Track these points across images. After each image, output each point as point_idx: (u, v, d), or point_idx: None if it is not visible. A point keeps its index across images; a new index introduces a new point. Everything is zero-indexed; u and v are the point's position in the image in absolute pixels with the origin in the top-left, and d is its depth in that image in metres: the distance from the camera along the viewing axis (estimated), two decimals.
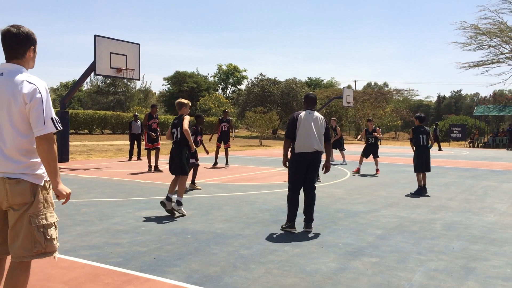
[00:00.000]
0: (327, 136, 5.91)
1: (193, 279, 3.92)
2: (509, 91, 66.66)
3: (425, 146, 9.39)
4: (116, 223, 6.05)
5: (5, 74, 2.72)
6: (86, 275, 3.95)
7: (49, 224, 2.79)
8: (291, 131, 5.79)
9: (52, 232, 2.80)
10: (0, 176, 2.70)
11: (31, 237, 2.70)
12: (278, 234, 5.57)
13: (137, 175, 11.73)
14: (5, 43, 2.77)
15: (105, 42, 14.77)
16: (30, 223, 2.70)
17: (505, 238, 5.55)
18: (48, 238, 2.76)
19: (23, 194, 2.70)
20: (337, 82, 76.81)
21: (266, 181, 10.94)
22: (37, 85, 2.71)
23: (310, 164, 5.77)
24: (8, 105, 2.67)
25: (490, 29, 37.70)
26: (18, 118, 2.68)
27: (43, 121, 2.67)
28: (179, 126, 6.87)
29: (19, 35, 2.76)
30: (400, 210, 7.27)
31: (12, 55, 2.78)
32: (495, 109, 41.75)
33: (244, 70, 69.84)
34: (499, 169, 15.42)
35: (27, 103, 2.65)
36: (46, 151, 2.68)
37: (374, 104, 49.34)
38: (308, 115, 5.81)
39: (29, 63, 2.84)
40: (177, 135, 6.89)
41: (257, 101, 46.26)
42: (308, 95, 6.09)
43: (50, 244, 2.78)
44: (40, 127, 2.65)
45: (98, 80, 56.34)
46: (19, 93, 2.65)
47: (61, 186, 2.78)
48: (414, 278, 4.03)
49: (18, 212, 2.71)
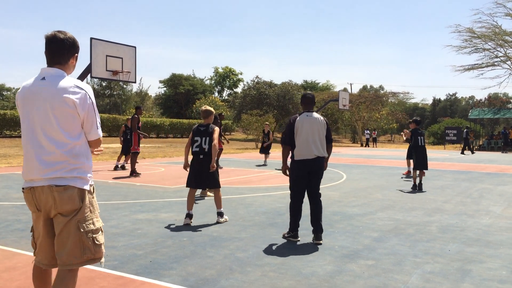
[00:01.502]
0: (329, 137, 5.51)
1: (189, 282, 3.91)
2: (504, 94, 67.12)
3: (423, 146, 10.33)
4: (112, 226, 6.02)
5: (47, 79, 2.69)
6: (82, 278, 3.92)
7: (97, 229, 2.76)
8: (289, 137, 5.39)
9: (100, 237, 2.77)
10: (46, 185, 2.64)
11: (80, 243, 2.66)
12: (274, 237, 5.57)
13: (131, 178, 11.70)
14: (51, 48, 2.74)
15: (101, 44, 14.73)
16: (78, 229, 2.66)
17: (501, 241, 5.57)
18: (97, 243, 2.73)
19: (72, 200, 2.66)
20: (332, 85, 76.94)
21: (262, 183, 10.94)
22: (86, 91, 2.72)
23: (311, 171, 5.35)
24: (53, 109, 2.63)
25: (484, 33, 37.92)
26: (68, 121, 2.66)
27: (97, 126, 2.78)
28: (207, 136, 6.32)
29: (66, 41, 2.76)
30: (396, 213, 7.29)
31: (56, 61, 2.75)
32: (490, 112, 41.97)
33: (240, 73, 69.93)
34: (494, 171, 15.49)
35: (77, 107, 2.65)
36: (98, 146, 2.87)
37: (369, 107, 49.45)
38: (306, 118, 5.37)
39: (70, 69, 2.83)
40: (204, 145, 6.32)
41: (253, 104, 46.26)
42: (305, 95, 5.59)
43: (99, 250, 2.75)
44: (96, 131, 2.77)
45: (94, 83, 56.24)
46: (68, 96, 2.63)
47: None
48: (410, 281, 4.03)
49: (66, 218, 2.66)
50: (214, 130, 6.38)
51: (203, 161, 6.31)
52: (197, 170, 6.34)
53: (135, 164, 12.44)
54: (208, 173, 6.31)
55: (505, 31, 37.08)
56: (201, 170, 6.33)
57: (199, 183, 6.39)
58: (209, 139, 6.31)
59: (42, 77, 2.71)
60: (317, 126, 5.37)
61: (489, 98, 56.55)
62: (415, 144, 10.37)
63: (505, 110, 42.41)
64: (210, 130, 6.36)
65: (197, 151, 6.35)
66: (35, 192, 2.68)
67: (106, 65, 14.81)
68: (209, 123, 6.49)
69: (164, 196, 8.63)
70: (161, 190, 9.56)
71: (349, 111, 44.75)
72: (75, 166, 2.69)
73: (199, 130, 6.44)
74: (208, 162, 6.29)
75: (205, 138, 6.32)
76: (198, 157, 6.35)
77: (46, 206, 2.67)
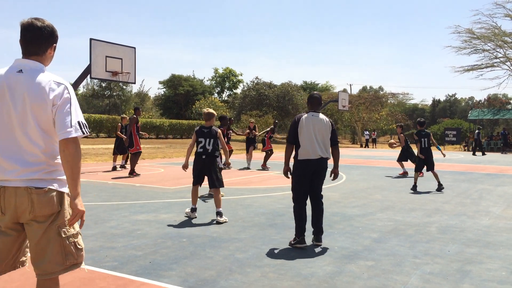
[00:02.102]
0: (334, 140, 5.39)
1: (189, 283, 3.90)
2: (503, 95, 67.16)
3: (427, 148, 10.38)
4: (112, 227, 6.02)
5: (25, 72, 2.43)
6: (81, 279, 3.93)
7: (77, 233, 2.57)
8: (293, 135, 5.30)
9: (81, 241, 2.59)
10: (23, 186, 2.40)
11: (62, 249, 2.47)
12: (274, 238, 5.57)
13: (131, 178, 11.70)
14: (27, 37, 2.47)
15: (100, 45, 14.75)
16: (59, 235, 2.46)
17: (500, 241, 5.57)
18: (78, 247, 2.56)
19: (51, 204, 2.44)
20: (332, 86, 77.03)
21: (262, 184, 10.94)
22: (65, 84, 2.48)
23: (315, 172, 5.25)
24: (32, 106, 2.40)
25: (484, 33, 37.98)
26: (46, 120, 2.42)
27: (71, 123, 2.40)
28: (211, 138, 6.61)
29: (44, 30, 2.48)
30: (395, 214, 7.29)
31: (32, 51, 2.48)
32: (489, 113, 41.98)
33: (240, 74, 69.92)
34: (494, 172, 15.49)
35: (55, 104, 2.41)
36: (72, 156, 2.39)
37: (369, 108, 49.48)
38: (311, 117, 5.29)
39: (48, 61, 2.57)
40: (208, 146, 6.60)
41: (253, 105, 46.29)
42: (312, 95, 5.53)
43: (81, 254, 2.58)
44: (68, 129, 2.39)
45: (94, 84, 56.29)
46: (46, 93, 2.40)
47: (79, 199, 2.45)
48: (410, 282, 4.03)
49: (43, 225, 2.44)
50: (219, 134, 6.71)
51: (205, 161, 6.60)
52: (200, 169, 6.66)
53: (135, 164, 12.51)
54: (213, 172, 6.60)
55: (504, 32, 37.13)
56: (203, 170, 6.64)
57: (200, 181, 6.74)
58: (213, 141, 6.62)
59: (19, 69, 2.45)
60: (322, 127, 5.29)
61: (489, 99, 56.65)
62: (419, 146, 10.39)
63: (505, 111, 42.42)
64: (213, 132, 6.66)
65: (201, 151, 6.62)
66: (4, 193, 2.41)
67: (105, 66, 14.83)
68: (212, 125, 6.77)
69: (163, 197, 8.63)
70: (160, 191, 9.56)
71: (348, 112, 44.77)
72: (55, 168, 2.49)
73: (203, 131, 6.67)
74: (210, 162, 6.60)
75: (209, 140, 6.62)
76: (201, 157, 6.61)
77: (17, 210, 2.41)
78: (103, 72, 14.82)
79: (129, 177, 12.00)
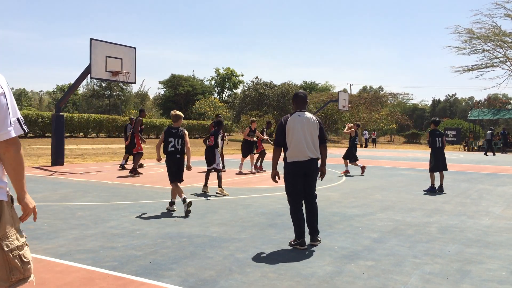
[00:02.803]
0: (322, 138, 5.30)
1: (189, 283, 3.90)
2: (503, 95, 67.16)
3: (441, 147, 10.26)
4: (112, 226, 6.02)
5: None
6: (81, 279, 3.93)
7: (22, 244, 2.30)
8: (280, 138, 5.21)
9: (27, 253, 2.33)
10: None
11: (5, 264, 2.21)
12: (274, 238, 5.57)
13: (131, 178, 11.70)
14: None
15: (100, 45, 14.76)
16: (1, 248, 2.19)
17: (500, 241, 5.57)
18: (25, 260, 2.30)
19: None
20: (332, 86, 77.10)
21: (261, 184, 10.94)
22: None
23: (306, 173, 5.20)
24: None
25: (484, 34, 38.03)
26: None
27: (9, 122, 2.14)
28: (179, 138, 7.27)
29: None
30: (395, 214, 7.29)
31: None
32: (489, 113, 41.99)
33: (241, 74, 69.97)
34: (494, 172, 15.49)
35: None
36: (14, 157, 2.19)
37: (369, 108, 49.52)
38: (298, 118, 5.19)
39: None
40: (177, 145, 7.25)
41: (253, 105, 46.29)
42: (297, 94, 5.37)
43: (28, 267, 2.33)
44: (8, 127, 2.14)
45: (94, 84, 56.28)
46: None
47: (28, 197, 2.31)
48: (410, 282, 4.03)
49: None
50: (185, 134, 7.35)
51: (178, 159, 7.31)
52: (175, 166, 7.30)
53: (137, 164, 12.76)
54: (182, 168, 7.35)
55: (504, 32, 37.16)
56: (177, 166, 7.32)
57: (176, 177, 7.33)
58: (181, 140, 7.27)
59: None
60: (310, 127, 5.20)
61: (489, 99, 56.66)
62: (433, 145, 10.24)
63: (505, 111, 42.43)
64: (181, 132, 7.32)
65: (173, 150, 7.26)
66: None
67: (105, 66, 14.85)
68: (179, 126, 7.40)
69: (163, 197, 8.62)
70: (160, 191, 9.56)
71: (348, 112, 44.78)
72: None
73: (171, 131, 7.30)
74: (182, 160, 7.34)
75: (177, 139, 7.27)
76: (175, 156, 7.28)
77: None
78: (103, 72, 14.85)
79: (130, 176, 12.20)
